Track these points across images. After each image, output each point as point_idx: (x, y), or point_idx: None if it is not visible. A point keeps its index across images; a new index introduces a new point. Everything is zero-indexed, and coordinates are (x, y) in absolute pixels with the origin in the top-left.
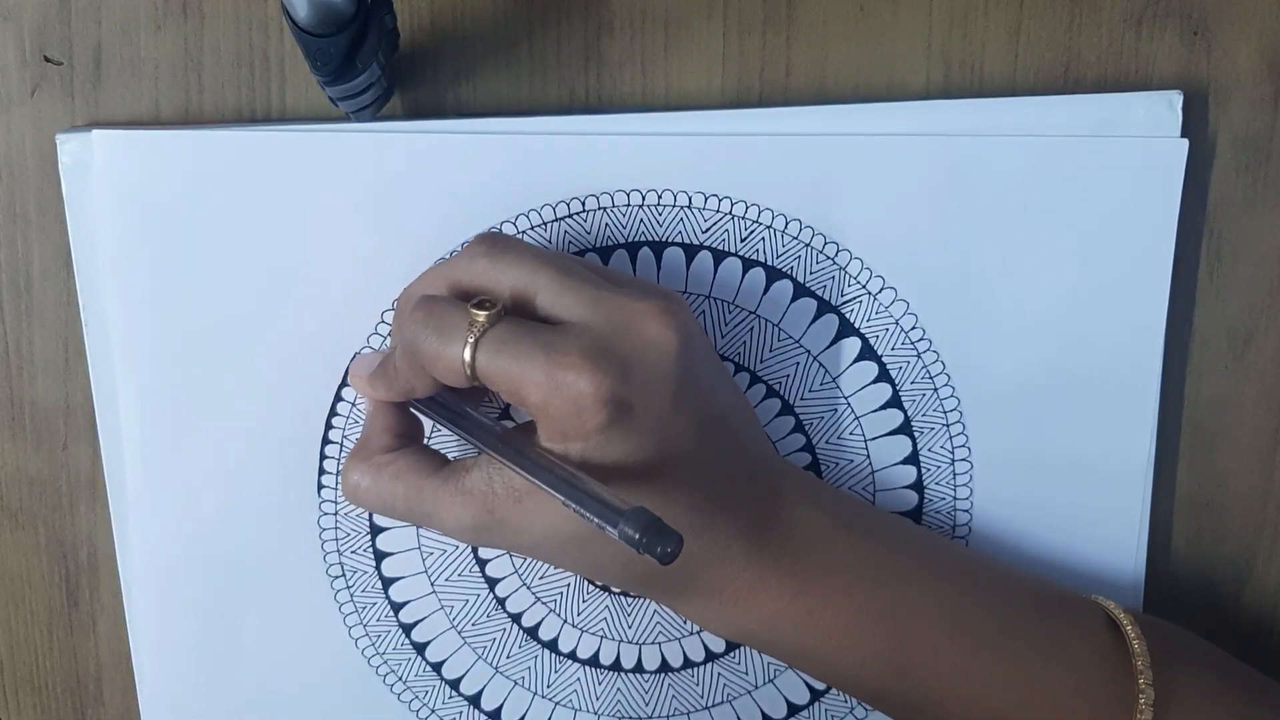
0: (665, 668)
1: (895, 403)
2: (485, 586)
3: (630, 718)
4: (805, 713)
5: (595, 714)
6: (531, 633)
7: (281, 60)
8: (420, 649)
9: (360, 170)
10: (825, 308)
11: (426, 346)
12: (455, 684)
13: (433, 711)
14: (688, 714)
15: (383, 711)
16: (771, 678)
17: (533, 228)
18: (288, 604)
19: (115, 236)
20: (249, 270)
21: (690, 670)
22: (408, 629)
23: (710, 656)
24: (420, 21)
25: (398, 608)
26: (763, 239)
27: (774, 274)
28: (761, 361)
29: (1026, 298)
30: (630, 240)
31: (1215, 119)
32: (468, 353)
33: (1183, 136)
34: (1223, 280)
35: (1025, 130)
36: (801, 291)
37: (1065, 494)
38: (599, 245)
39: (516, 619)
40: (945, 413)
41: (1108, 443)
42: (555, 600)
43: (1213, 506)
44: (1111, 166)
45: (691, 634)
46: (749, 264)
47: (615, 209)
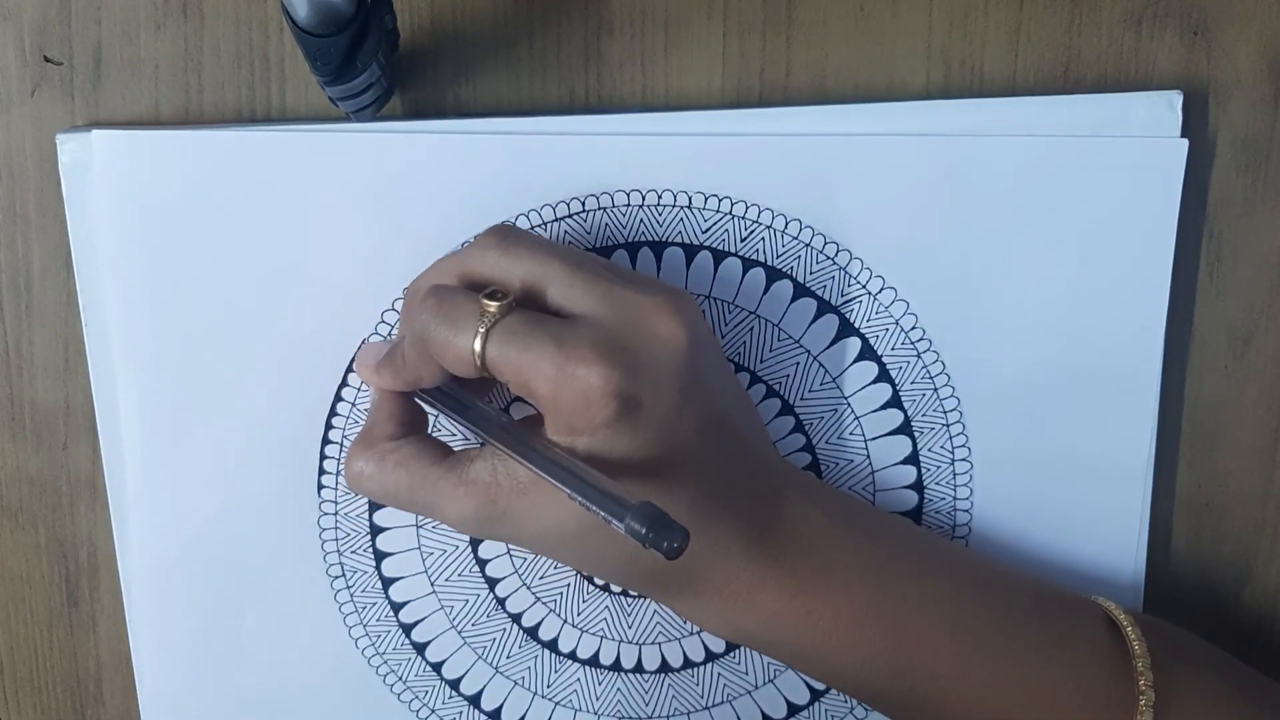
0: (665, 668)
1: (895, 403)
2: (485, 586)
3: (630, 718)
4: (805, 713)
5: (595, 714)
6: (531, 633)
7: (281, 60)
8: (420, 649)
9: (360, 170)
10: (825, 308)
11: (436, 335)
12: (455, 684)
13: (433, 711)
14: (688, 714)
15: (383, 711)
16: (771, 678)
17: (533, 228)
18: (288, 604)
19: (115, 236)
20: (249, 270)
21: (690, 670)
22: (408, 629)
23: (710, 657)
24: (420, 21)
25: (398, 608)
26: (763, 239)
27: (774, 274)
28: (761, 361)
29: (1027, 298)
30: (630, 240)
31: (1215, 119)
32: (478, 343)
33: (1183, 136)
34: (1223, 280)
35: (1025, 130)
36: (801, 291)
37: (1065, 494)
38: (599, 245)
39: (516, 619)
40: (945, 413)
41: (1108, 443)
42: (555, 600)
43: (1213, 506)
44: (1111, 166)
45: (691, 634)
46: (749, 264)
47: (615, 209)
